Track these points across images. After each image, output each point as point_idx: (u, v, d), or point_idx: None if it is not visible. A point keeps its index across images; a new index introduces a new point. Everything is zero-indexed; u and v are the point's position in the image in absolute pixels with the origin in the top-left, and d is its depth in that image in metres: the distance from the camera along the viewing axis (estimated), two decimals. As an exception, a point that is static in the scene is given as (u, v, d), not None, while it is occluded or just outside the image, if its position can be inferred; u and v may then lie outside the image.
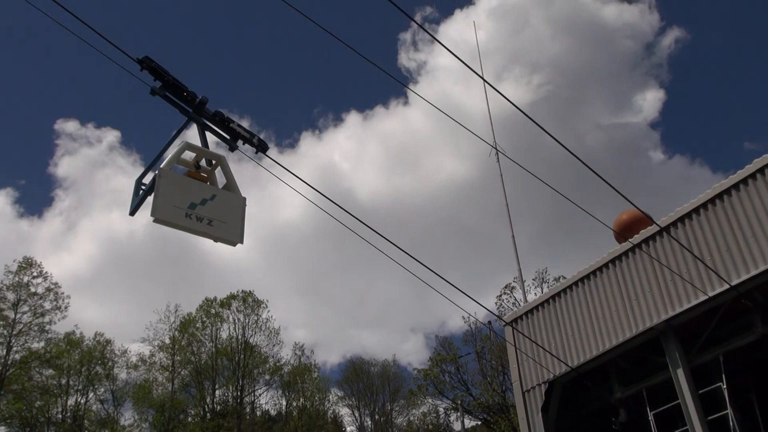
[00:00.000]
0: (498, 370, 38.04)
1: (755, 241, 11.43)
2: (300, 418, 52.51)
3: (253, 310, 50.70)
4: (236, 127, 7.05)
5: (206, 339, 49.50)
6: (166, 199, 6.14)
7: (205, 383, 48.60)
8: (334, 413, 65.80)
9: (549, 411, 14.31)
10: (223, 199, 6.61)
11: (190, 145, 6.71)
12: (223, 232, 6.46)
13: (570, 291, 14.60)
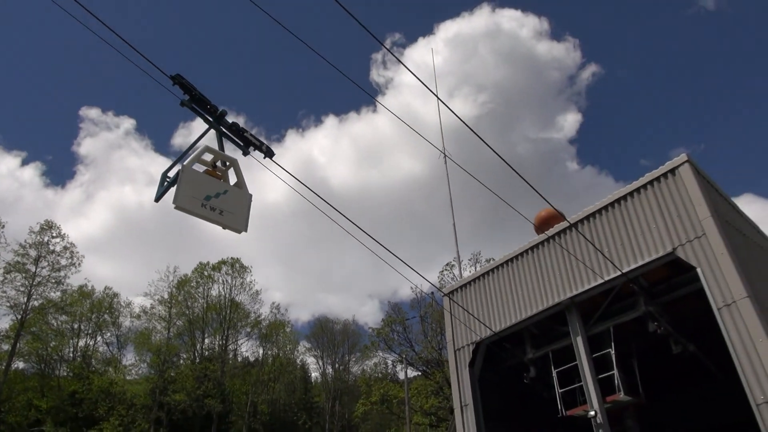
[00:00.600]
0: (437, 331, 38.44)
1: (643, 237, 11.72)
2: (273, 364, 52.36)
3: (239, 274, 50.23)
4: (249, 136, 7.13)
5: (199, 296, 48.91)
6: (186, 190, 6.26)
7: (196, 333, 48.09)
8: (302, 361, 65.84)
9: (475, 366, 14.48)
10: (233, 194, 6.69)
11: (209, 148, 6.82)
12: (230, 221, 6.53)
13: (497, 271, 14.74)
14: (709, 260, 10.48)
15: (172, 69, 6.15)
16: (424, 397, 37.89)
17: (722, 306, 10.08)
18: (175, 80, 6.51)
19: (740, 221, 12.54)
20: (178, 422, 41.79)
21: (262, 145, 7.20)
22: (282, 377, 54.37)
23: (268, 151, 7.22)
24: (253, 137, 7.16)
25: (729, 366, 10.29)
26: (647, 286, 12.66)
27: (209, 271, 49.27)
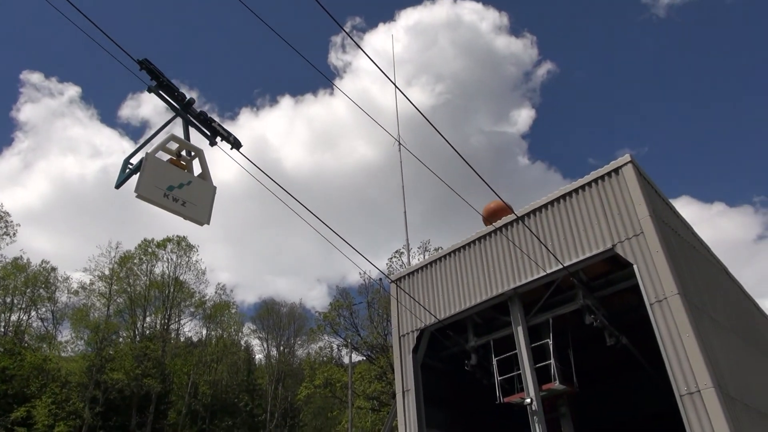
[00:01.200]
0: (383, 317, 38.76)
1: (585, 233, 12.12)
2: (217, 345, 51.70)
3: (185, 252, 49.19)
4: (217, 126, 6.98)
5: (142, 273, 47.61)
6: (149, 179, 6.14)
7: (137, 311, 46.86)
8: (247, 343, 65.23)
9: (418, 352, 14.69)
10: (197, 185, 6.59)
11: (175, 137, 6.66)
12: (193, 213, 6.45)
13: (444, 260, 14.94)
14: (645, 258, 10.95)
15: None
16: (368, 381, 38.24)
17: (654, 301, 10.56)
18: (143, 65, 6.34)
19: (676, 222, 13.13)
20: (115, 401, 40.79)
21: (230, 135, 7.06)
22: (225, 358, 53.72)
23: (235, 142, 7.08)
24: (220, 127, 7.02)
25: (657, 358, 10.83)
26: (586, 280, 13.13)
27: (153, 248, 48.03)
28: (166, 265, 48.49)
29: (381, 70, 6.84)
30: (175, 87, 6.67)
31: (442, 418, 15.56)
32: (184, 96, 6.80)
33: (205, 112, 6.98)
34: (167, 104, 6.78)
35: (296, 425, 57.21)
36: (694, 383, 9.54)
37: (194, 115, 6.92)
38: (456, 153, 7.65)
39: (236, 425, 47.12)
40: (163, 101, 6.75)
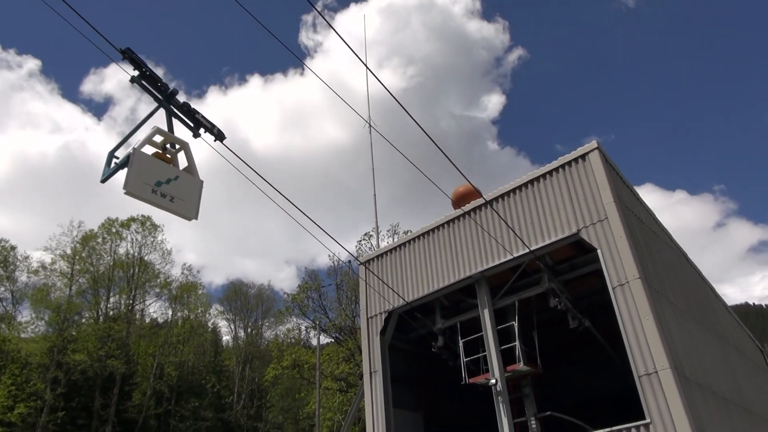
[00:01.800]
0: (351, 299, 38.90)
1: (551, 218, 12.34)
2: (183, 326, 51.21)
3: (150, 232, 48.30)
4: (200, 117, 6.91)
5: (105, 253, 46.64)
6: (137, 175, 6.13)
7: (101, 291, 46.00)
8: (214, 324, 64.80)
9: (386, 334, 14.82)
10: (184, 180, 6.57)
11: (160, 130, 6.64)
12: (181, 209, 6.45)
13: (413, 242, 15.04)
14: (609, 243, 11.21)
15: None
16: (336, 363, 38.47)
17: (617, 285, 10.85)
18: (125, 54, 6.24)
19: (639, 208, 13.46)
20: (78, 382, 40.16)
21: (213, 127, 6.98)
22: (192, 340, 53.28)
23: (219, 134, 7.00)
24: (204, 119, 6.94)
25: (618, 341, 11.15)
26: (552, 264, 13.39)
27: (117, 227, 47.04)
28: (131, 245, 47.62)
29: (352, 50, 6.79)
30: (158, 77, 6.61)
31: (409, 398, 15.79)
32: (167, 87, 6.72)
33: (189, 103, 6.91)
34: (150, 95, 6.68)
35: (263, 406, 57.27)
36: (652, 364, 9.87)
37: (177, 107, 6.84)
38: (426, 136, 7.68)
39: (203, 406, 46.92)
40: (146, 92, 6.65)
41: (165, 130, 6.71)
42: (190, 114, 6.89)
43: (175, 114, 6.88)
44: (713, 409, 11.02)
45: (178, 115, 6.91)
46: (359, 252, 37.94)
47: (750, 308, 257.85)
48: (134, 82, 6.49)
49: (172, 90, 6.73)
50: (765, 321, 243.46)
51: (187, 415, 45.31)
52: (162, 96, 6.73)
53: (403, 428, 14.49)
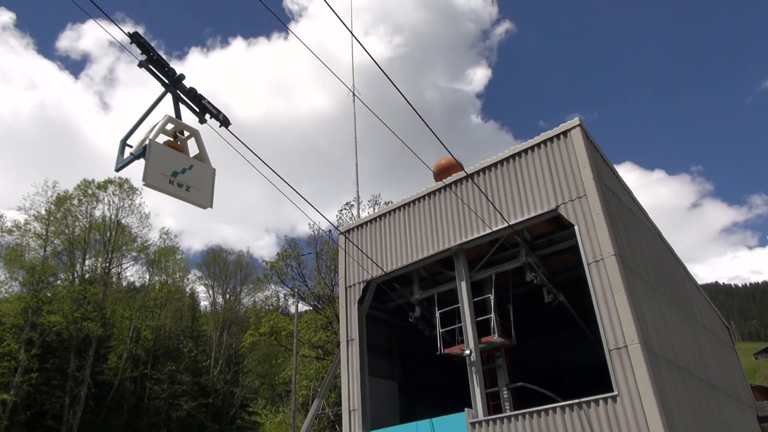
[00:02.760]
0: (331, 268, 39.04)
1: (531, 194, 12.44)
2: (161, 290, 51.02)
3: (128, 195, 47.60)
4: (206, 103, 7.01)
5: (81, 215, 45.96)
6: (155, 167, 6.31)
7: (76, 253, 45.48)
8: (192, 290, 64.72)
9: (364, 303, 14.94)
10: (197, 169, 6.77)
11: (172, 118, 6.80)
12: (196, 198, 6.67)
13: (394, 213, 15.06)
14: (586, 219, 11.36)
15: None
16: (313, 330, 38.78)
17: (592, 261, 11.03)
18: (133, 39, 6.32)
19: (618, 186, 13.62)
20: (53, 344, 39.96)
21: (219, 113, 7.10)
22: (169, 304, 53.15)
23: (224, 120, 7.11)
24: (210, 105, 7.04)
25: (590, 316, 11.40)
26: (530, 239, 13.56)
27: (93, 189, 46.26)
28: (107, 207, 46.96)
29: (338, 16, 6.67)
30: (166, 62, 6.67)
31: (384, 366, 16.03)
32: (174, 72, 6.78)
33: (195, 89, 6.97)
34: (157, 80, 6.76)
35: (240, 371, 57.72)
36: (623, 339, 10.13)
37: (184, 92, 6.92)
38: (410, 106, 7.63)
39: (179, 370, 47.11)
40: (153, 76, 6.72)
41: (176, 119, 6.85)
42: (196, 99, 6.99)
43: (182, 99, 6.96)
44: (678, 383, 11.38)
45: (185, 101, 6.99)
46: (340, 221, 37.95)
47: (719, 287, 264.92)
48: (142, 67, 6.56)
49: (179, 75, 6.83)
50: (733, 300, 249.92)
51: (163, 379, 45.49)
52: (169, 81, 6.81)
53: (378, 396, 14.75)
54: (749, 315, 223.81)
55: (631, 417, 9.61)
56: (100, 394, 40.66)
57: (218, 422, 49.54)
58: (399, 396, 15.96)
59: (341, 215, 39.09)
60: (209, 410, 49.17)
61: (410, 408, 16.03)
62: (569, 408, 10.39)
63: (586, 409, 10.19)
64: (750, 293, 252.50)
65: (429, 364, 17.85)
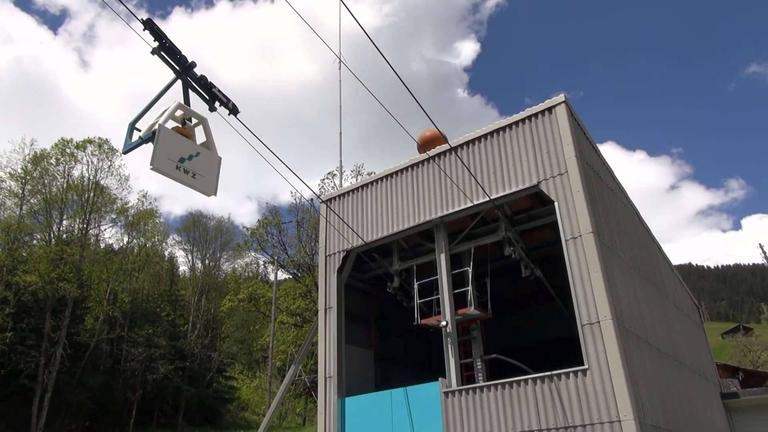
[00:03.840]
0: (311, 237, 39.08)
1: (513, 168, 12.46)
2: (139, 254, 50.67)
3: (107, 156, 46.86)
4: (216, 91, 7.14)
5: (59, 175, 45.18)
6: (163, 152, 6.44)
7: (53, 213, 44.82)
8: (171, 254, 64.39)
9: (343, 272, 14.98)
10: (204, 156, 6.92)
11: (182, 105, 6.96)
12: (201, 185, 6.79)
13: (376, 184, 15.01)
14: (567, 196, 11.45)
15: None
16: (292, 298, 38.97)
17: (570, 238, 11.16)
18: (146, 25, 6.40)
19: (599, 165, 13.72)
20: (28, 304, 39.65)
21: (229, 101, 7.21)
22: (147, 268, 52.88)
23: (233, 108, 7.23)
24: (220, 92, 7.16)
25: (566, 291, 11.59)
26: (510, 214, 13.66)
27: (72, 148, 45.42)
28: (86, 167, 46.20)
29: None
30: (178, 50, 6.78)
31: (361, 335, 16.19)
32: (186, 59, 6.90)
33: (206, 76, 7.11)
34: (169, 66, 6.85)
35: (218, 336, 57.93)
36: (596, 315, 10.33)
37: (195, 79, 7.04)
38: (396, 77, 7.54)
39: (156, 334, 47.12)
40: (165, 63, 6.80)
41: (186, 106, 6.99)
42: (206, 87, 7.10)
43: (192, 86, 7.07)
44: (647, 359, 11.68)
45: (195, 88, 7.10)
46: (322, 190, 37.83)
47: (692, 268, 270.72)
48: (154, 54, 6.65)
49: (191, 62, 6.92)
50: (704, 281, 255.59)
51: (140, 342, 45.50)
52: (180, 68, 6.90)
53: (354, 364, 14.92)
54: (719, 296, 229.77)
55: (600, 389, 9.87)
56: (75, 355, 40.58)
57: (195, 386, 49.86)
58: (375, 364, 16.16)
59: (323, 184, 39.00)
60: (186, 374, 49.42)
61: (385, 376, 16.26)
62: (540, 380, 10.63)
63: (556, 382, 10.42)
64: (721, 275, 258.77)
65: (405, 334, 18.06)
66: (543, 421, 10.34)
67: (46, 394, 37.73)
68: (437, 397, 11.85)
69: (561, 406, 10.22)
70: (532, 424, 10.44)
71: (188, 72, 6.96)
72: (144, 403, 46.46)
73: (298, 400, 43.16)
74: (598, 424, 9.73)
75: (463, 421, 11.33)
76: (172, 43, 6.68)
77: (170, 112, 6.79)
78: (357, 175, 39.73)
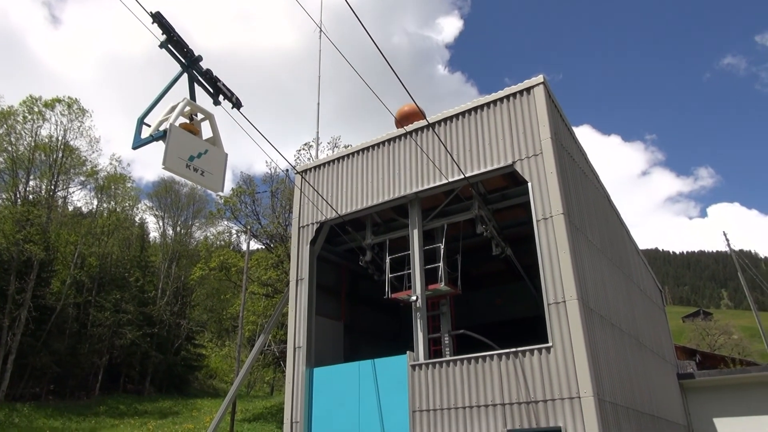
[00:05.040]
0: (285, 208, 38.87)
1: (489, 147, 12.55)
2: (109, 218, 49.78)
3: (77, 116, 45.58)
4: (221, 85, 7.36)
5: (26, 133, 43.86)
6: (174, 152, 6.71)
7: (19, 172, 43.64)
8: (142, 220, 63.48)
9: (316, 244, 15.01)
10: (212, 154, 7.21)
11: (190, 102, 7.24)
12: (209, 182, 7.13)
13: (352, 157, 14.97)
14: (540, 177, 11.59)
15: None
16: (264, 268, 38.82)
17: (541, 218, 11.34)
18: (155, 18, 6.56)
19: (574, 147, 13.88)
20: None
21: (233, 95, 7.42)
22: (117, 233, 52.06)
23: (237, 102, 7.41)
24: (224, 87, 7.37)
25: (534, 270, 11.81)
26: (484, 192, 13.79)
27: (40, 107, 44.05)
28: (55, 127, 44.93)
29: (308, -55, 6.42)
30: (185, 43, 6.97)
31: (332, 307, 16.31)
32: (192, 53, 7.09)
33: (211, 70, 7.32)
34: (176, 60, 7.05)
35: (188, 304, 57.65)
36: (562, 294, 10.58)
37: (200, 73, 7.23)
38: (376, 49, 7.48)
39: (125, 299, 46.67)
40: (172, 57, 7.00)
41: (194, 102, 7.25)
42: (212, 81, 7.31)
43: (198, 80, 7.28)
44: (609, 338, 12.03)
45: (201, 81, 7.30)
46: (297, 161, 37.53)
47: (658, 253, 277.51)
48: (162, 47, 6.83)
49: (197, 56, 7.11)
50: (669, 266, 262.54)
51: (108, 307, 45.02)
52: (187, 62, 7.09)
53: (324, 335, 15.05)
54: (682, 281, 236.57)
55: (562, 366, 10.16)
56: (41, 318, 39.99)
57: (163, 353, 49.69)
58: (344, 336, 16.33)
59: (299, 155, 38.67)
60: (154, 340, 49.19)
61: (355, 349, 16.46)
62: (505, 356, 10.89)
63: (521, 358, 10.69)
64: (685, 261, 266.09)
65: (376, 308, 18.25)
66: (506, 395, 10.63)
67: (9, 356, 37.23)
68: (404, 370, 12.06)
69: (524, 381, 10.51)
70: (495, 398, 10.72)
71: (194, 66, 7.13)
72: (111, 368, 46.19)
73: (266, 370, 43.39)
74: (558, 399, 10.04)
75: (428, 393, 11.57)
76: (180, 36, 6.85)
77: (180, 109, 7.03)
78: (333, 147, 39.47)
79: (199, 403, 44.61)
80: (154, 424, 35.36)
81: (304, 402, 13.29)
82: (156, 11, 6.56)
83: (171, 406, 42.34)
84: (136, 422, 36.44)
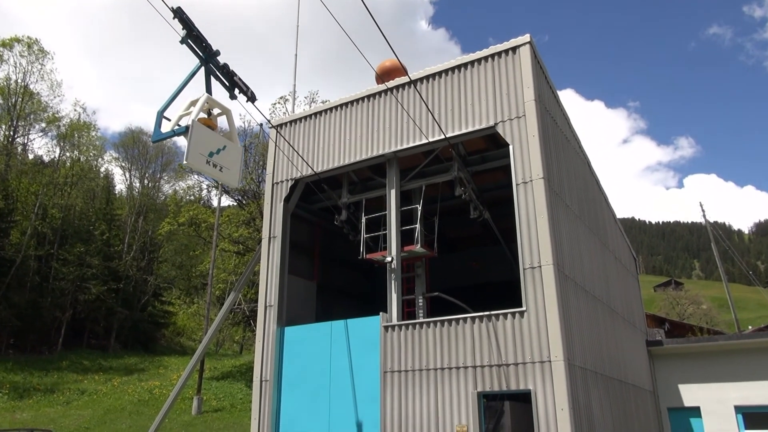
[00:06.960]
0: (259, 164, 38.43)
1: (472, 108, 12.48)
2: (72, 168, 48.70)
3: (37, 58, 44.00)
4: (237, 80, 7.76)
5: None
6: (196, 148, 7.09)
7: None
8: (107, 171, 62.29)
9: (290, 201, 14.92)
10: (229, 149, 7.64)
11: (210, 98, 7.60)
12: (227, 177, 7.60)
13: (330, 113, 14.77)
14: (522, 140, 11.62)
15: None
16: (235, 225, 38.57)
17: (521, 182, 11.42)
18: (176, 14, 6.85)
19: (557, 111, 13.91)
20: (-53, 213, 37.85)
21: (248, 90, 7.84)
22: (81, 184, 51.06)
23: (252, 96, 7.86)
24: (240, 81, 7.75)
25: (511, 235, 11.96)
26: (464, 154, 13.79)
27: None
28: (13, 69, 43.36)
29: None
30: (204, 38, 7.32)
31: (305, 266, 16.35)
32: (211, 48, 7.44)
33: (228, 65, 7.67)
34: (195, 54, 7.38)
35: (155, 260, 57.22)
36: (538, 259, 10.76)
37: (218, 67, 7.59)
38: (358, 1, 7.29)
39: (89, 253, 46.06)
40: (192, 51, 7.33)
41: (213, 98, 7.61)
42: (228, 75, 7.68)
43: (215, 74, 7.62)
44: (582, 304, 12.34)
45: (218, 75, 7.65)
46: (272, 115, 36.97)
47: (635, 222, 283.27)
48: (183, 42, 7.14)
49: (215, 51, 7.46)
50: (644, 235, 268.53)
51: (71, 260, 44.44)
52: (205, 56, 7.44)
53: (296, 294, 15.13)
54: (656, 251, 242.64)
55: (534, 331, 10.42)
56: (0, 270, 39.37)
57: (129, 308, 49.52)
58: (317, 296, 16.44)
59: (274, 109, 38.08)
60: (120, 296, 48.93)
61: (327, 309, 16.60)
62: (479, 319, 11.11)
63: (494, 321, 10.92)
64: (660, 230, 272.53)
65: (350, 268, 18.36)
66: (478, 358, 10.89)
67: (-33, 308, 36.74)
68: (377, 331, 12.24)
69: (497, 344, 10.77)
70: (467, 361, 10.98)
71: (212, 60, 7.46)
72: (74, 323, 45.92)
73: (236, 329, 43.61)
74: (530, 363, 10.33)
75: (400, 354, 11.79)
76: (199, 32, 7.17)
77: (200, 105, 7.34)
78: (311, 102, 38.91)
79: (166, 360, 44.82)
80: (119, 381, 35.50)
81: (275, 361, 13.44)
82: (177, 7, 6.84)
83: (137, 363, 42.48)
84: (101, 378, 36.54)
